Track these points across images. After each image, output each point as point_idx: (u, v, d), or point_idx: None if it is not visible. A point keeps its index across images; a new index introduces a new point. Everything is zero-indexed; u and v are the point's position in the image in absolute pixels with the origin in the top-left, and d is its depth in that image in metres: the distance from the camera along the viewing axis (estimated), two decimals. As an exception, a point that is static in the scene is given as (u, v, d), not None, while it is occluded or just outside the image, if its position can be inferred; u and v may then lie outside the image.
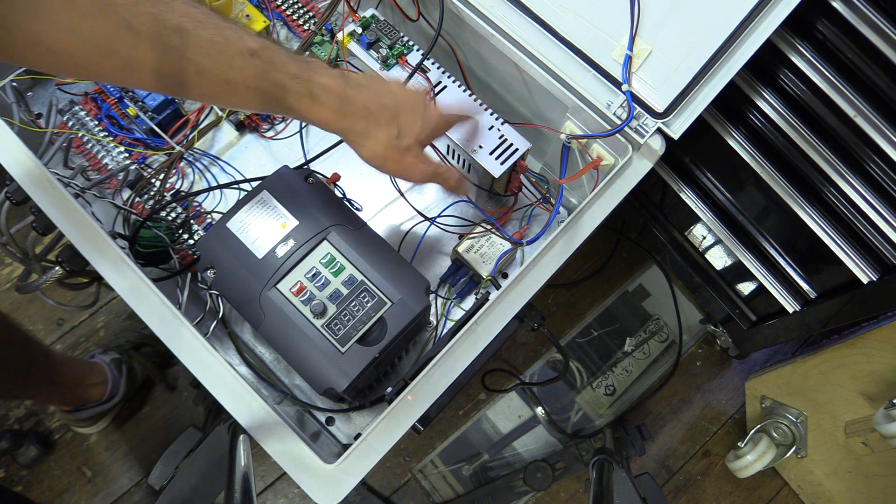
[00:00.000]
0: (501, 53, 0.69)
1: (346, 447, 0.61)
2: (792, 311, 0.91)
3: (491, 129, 0.66)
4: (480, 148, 0.65)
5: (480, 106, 0.67)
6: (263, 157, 0.83)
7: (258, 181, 0.68)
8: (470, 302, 0.77)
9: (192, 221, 0.76)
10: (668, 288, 1.34)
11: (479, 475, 1.23)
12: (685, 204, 0.95)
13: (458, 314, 0.76)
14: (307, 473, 0.55)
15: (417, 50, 0.70)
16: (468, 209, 0.81)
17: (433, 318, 0.76)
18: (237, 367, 0.73)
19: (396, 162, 0.55)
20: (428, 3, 0.73)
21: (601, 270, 1.35)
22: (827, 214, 0.78)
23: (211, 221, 0.77)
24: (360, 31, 0.70)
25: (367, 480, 1.21)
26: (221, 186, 0.78)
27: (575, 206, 0.77)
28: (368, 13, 0.71)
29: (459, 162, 0.71)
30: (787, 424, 1.11)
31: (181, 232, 0.75)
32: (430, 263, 0.78)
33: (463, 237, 0.74)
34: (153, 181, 0.77)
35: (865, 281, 0.76)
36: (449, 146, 0.69)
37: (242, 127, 0.83)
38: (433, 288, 0.76)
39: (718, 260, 1.04)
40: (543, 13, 0.67)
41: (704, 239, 1.03)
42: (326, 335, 0.61)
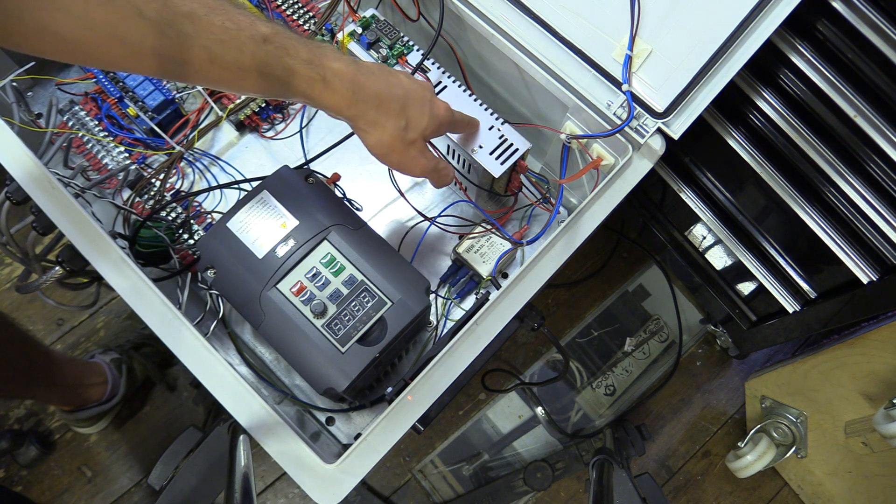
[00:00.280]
0: (501, 53, 0.69)
1: (346, 447, 0.61)
2: (792, 311, 0.91)
3: (491, 129, 0.66)
4: (480, 148, 0.65)
5: (480, 106, 0.67)
6: (263, 157, 0.83)
7: (258, 181, 0.68)
8: (470, 302, 0.77)
9: (192, 221, 0.76)
10: (668, 288, 1.34)
11: (479, 475, 1.23)
12: (685, 204, 0.95)
13: (458, 314, 0.76)
14: (307, 473, 0.54)
15: (417, 50, 0.70)
16: (468, 209, 0.81)
17: (433, 318, 0.76)
18: (237, 367, 0.73)
19: (400, 153, 0.55)
20: (428, 3, 0.73)
21: (601, 270, 1.35)
22: (827, 214, 0.78)
23: (211, 221, 0.77)
24: (360, 31, 0.70)
25: (367, 480, 1.21)
26: (221, 186, 0.78)
27: (575, 206, 0.77)
28: (368, 13, 0.71)
29: (459, 162, 0.71)
30: (787, 424, 1.10)
31: (181, 232, 0.75)
32: (430, 263, 0.78)
33: (463, 237, 0.75)
34: (153, 181, 0.77)
35: (865, 281, 0.76)
36: (449, 146, 0.69)
37: (242, 127, 0.83)
38: (433, 288, 0.76)
39: (718, 260, 1.04)
40: (543, 13, 0.67)
41: (704, 239, 1.03)
42: (326, 335, 0.61)
